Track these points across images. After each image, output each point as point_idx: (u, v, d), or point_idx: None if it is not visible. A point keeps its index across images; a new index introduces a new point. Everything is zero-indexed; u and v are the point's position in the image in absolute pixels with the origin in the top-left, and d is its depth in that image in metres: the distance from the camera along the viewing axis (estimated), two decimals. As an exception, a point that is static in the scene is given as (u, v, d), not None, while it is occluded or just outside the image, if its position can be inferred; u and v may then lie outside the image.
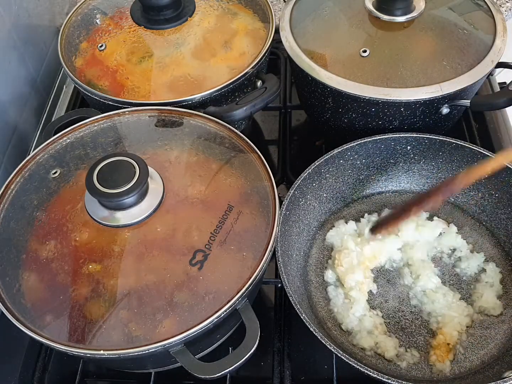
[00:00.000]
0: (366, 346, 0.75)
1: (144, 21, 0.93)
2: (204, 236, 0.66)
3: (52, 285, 0.63)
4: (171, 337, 0.59)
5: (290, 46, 0.90)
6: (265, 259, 0.65)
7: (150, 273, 0.63)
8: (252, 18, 0.97)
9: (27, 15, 1.07)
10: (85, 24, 0.98)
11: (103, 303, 0.62)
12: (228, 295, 0.62)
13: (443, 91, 0.81)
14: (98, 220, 0.66)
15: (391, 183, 0.94)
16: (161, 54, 0.90)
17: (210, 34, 0.93)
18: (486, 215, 0.88)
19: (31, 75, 1.09)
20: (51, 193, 0.71)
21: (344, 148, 0.86)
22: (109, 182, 0.63)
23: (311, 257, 0.86)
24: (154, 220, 0.66)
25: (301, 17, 0.94)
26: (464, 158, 0.86)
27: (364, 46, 0.87)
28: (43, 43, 1.15)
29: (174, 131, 0.79)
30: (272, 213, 0.69)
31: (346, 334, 0.78)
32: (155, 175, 0.69)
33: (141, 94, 0.86)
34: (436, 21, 0.89)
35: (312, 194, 0.87)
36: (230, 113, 0.79)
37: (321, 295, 0.82)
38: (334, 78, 0.84)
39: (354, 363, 0.64)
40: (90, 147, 0.78)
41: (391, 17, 0.89)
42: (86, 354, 0.60)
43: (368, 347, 0.75)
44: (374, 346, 0.76)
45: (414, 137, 0.87)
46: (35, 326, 0.61)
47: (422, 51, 0.87)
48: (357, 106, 0.86)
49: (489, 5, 0.92)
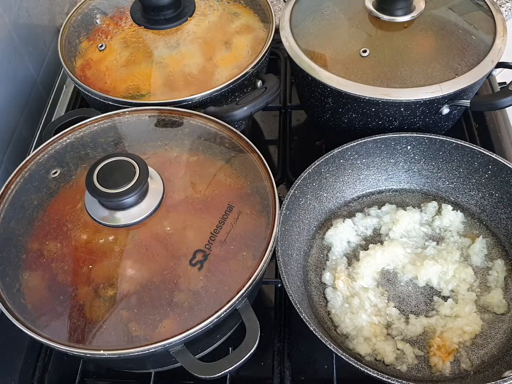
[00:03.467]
0: (362, 353, 0.75)
1: (144, 21, 0.93)
2: (204, 236, 0.66)
3: (52, 285, 0.63)
4: (171, 337, 0.59)
5: (290, 46, 0.90)
6: (265, 259, 0.65)
7: (150, 273, 0.63)
8: (252, 18, 0.97)
9: (27, 15, 1.08)
10: (85, 24, 0.98)
11: (103, 303, 0.62)
12: (228, 295, 0.62)
13: (443, 91, 0.82)
14: (98, 220, 0.66)
15: (391, 182, 0.94)
16: (161, 54, 0.90)
17: (210, 34, 0.93)
18: (486, 214, 0.88)
19: (31, 75, 1.09)
20: (51, 193, 0.71)
21: (345, 148, 0.86)
22: (109, 182, 0.63)
23: (311, 256, 0.86)
24: (154, 220, 0.66)
25: (301, 17, 0.94)
26: (464, 157, 0.86)
27: (364, 46, 0.87)
28: (43, 43, 1.15)
29: (174, 131, 0.79)
30: (272, 213, 0.69)
31: (343, 337, 0.78)
32: (155, 175, 0.69)
33: (141, 94, 0.86)
34: (436, 21, 0.89)
35: (312, 194, 0.87)
36: (230, 113, 0.79)
37: (321, 295, 0.82)
38: (334, 78, 0.84)
39: (354, 362, 0.64)
40: (90, 147, 0.78)
41: (391, 17, 0.89)
42: (86, 354, 0.60)
43: (365, 354, 0.75)
44: (372, 352, 0.75)
45: (414, 137, 0.87)
46: (35, 326, 0.61)
47: (422, 51, 0.87)
48: (357, 106, 0.86)
49: (489, 5, 0.92)
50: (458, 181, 0.90)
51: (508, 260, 0.84)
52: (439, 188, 0.92)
